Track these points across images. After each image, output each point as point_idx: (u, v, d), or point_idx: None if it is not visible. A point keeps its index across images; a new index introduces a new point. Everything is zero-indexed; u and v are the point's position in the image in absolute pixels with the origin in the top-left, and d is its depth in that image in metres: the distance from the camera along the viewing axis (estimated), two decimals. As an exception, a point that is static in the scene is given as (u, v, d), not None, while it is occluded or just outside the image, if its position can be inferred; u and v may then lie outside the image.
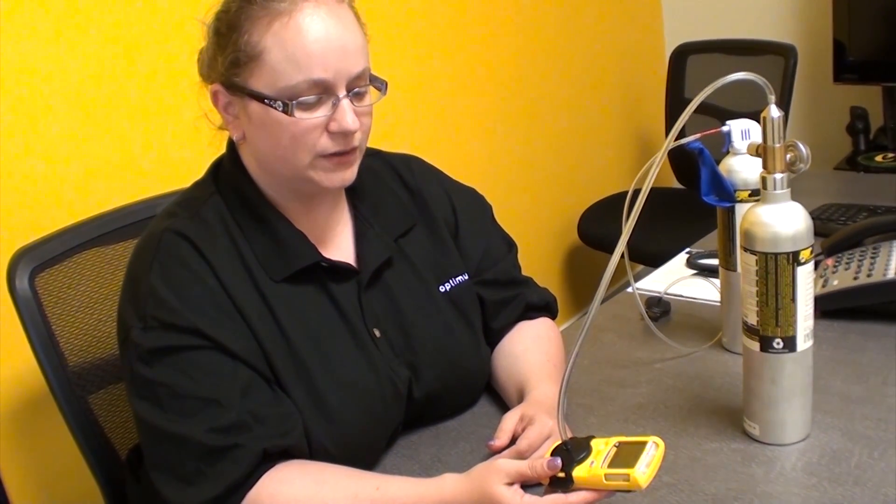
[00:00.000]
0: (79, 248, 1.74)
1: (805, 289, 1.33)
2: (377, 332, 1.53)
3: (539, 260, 4.00)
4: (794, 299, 1.32)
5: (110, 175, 2.25)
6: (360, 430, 1.46)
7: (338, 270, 1.51)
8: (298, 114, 1.37)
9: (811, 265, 1.33)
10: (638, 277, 2.17)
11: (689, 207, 3.37)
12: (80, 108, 2.19)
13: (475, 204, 1.77)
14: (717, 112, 3.45)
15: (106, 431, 1.71)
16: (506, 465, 1.26)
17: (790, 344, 1.35)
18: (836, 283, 1.79)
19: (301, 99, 1.36)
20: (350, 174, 1.45)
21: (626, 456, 1.19)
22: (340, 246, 1.56)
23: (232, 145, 1.52)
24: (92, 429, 1.69)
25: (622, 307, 1.98)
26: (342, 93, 1.38)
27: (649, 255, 3.04)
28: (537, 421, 1.41)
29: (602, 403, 1.60)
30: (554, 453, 1.24)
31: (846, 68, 3.90)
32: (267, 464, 1.35)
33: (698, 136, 1.42)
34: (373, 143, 1.53)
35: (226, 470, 1.31)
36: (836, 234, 2.01)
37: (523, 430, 1.41)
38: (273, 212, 1.48)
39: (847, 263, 1.85)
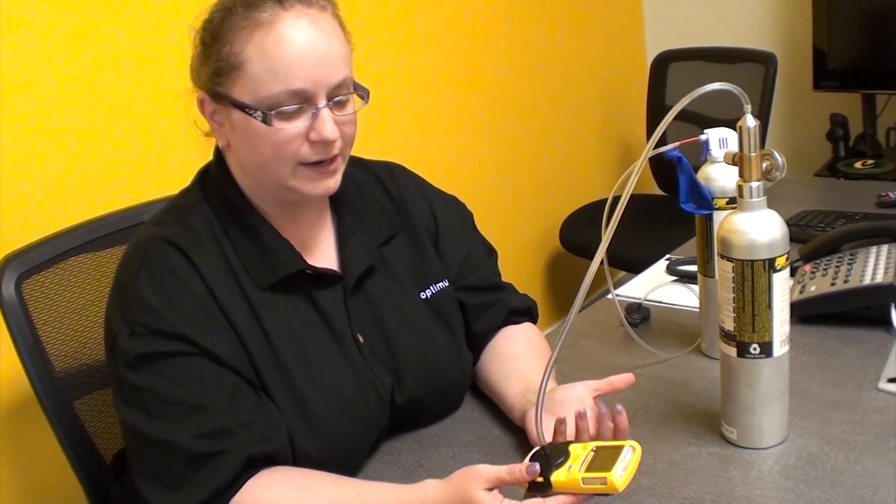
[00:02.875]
0: (65, 255, 1.74)
1: (781, 295, 1.35)
2: (361, 338, 1.54)
3: (521, 266, 4.01)
4: (770, 305, 1.34)
5: (96, 182, 2.26)
6: (344, 435, 1.47)
7: (322, 277, 1.52)
8: (277, 123, 1.38)
9: (787, 272, 1.35)
10: (619, 283, 2.19)
11: (670, 214, 3.38)
12: (67, 114, 2.20)
13: (456, 212, 1.78)
14: (697, 119, 3.47)
15: (92, 437, 1.71)
16: (485, 470, 1.26)
17: (766, 349, 1.36)
18: (813, 288, 1.81)
19: (280, 109, 1.37)
20: (333, 183, 1.46)
21: (604, 460, 1.21)
22: (324, 253, 1.57)
23: (219, 152, 1.53)
24: (78, 434, 1.69)
25: (602, 313, 2.00)
26: (322, 102, 1.39)
27: (630, 261, 3.06)
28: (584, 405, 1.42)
29: (583, 408, 1.61)
30: (532, 458, 1.25)
31: (826, 76, 3.92)
32: (251, 470, 1.36)
33: (676, 144, 1.44)
34: (357, 150, 1.54)
35: (211, 476, 1.32)
36: (813, 240, 2.03)
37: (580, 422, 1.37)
38: (259, 219, 1.49)
39: (825, 269, 1.87)
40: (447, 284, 1.67)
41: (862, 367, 1.63)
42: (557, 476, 1.21)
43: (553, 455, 1.24)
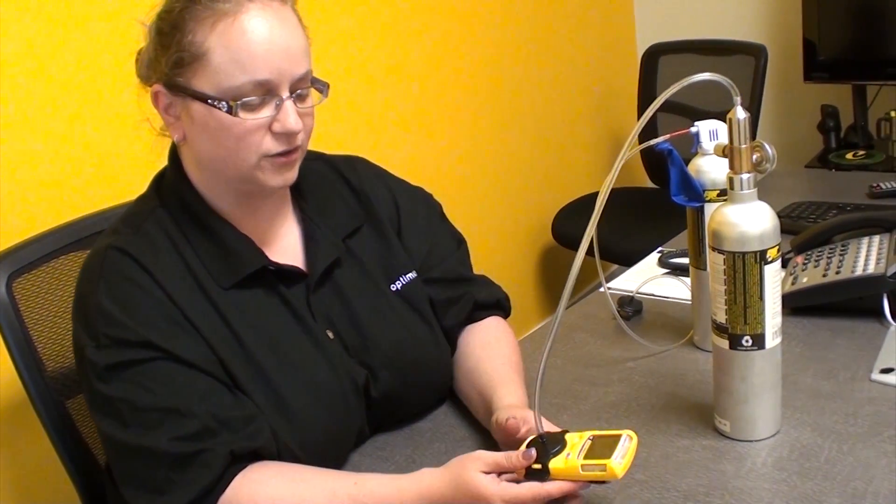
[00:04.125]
0: (56, 253, 1.74)
1: (773, 287, 1.35)
2: (330, 334, 1.54)
3: (513, 260, 4.01)
4: (761, 297, 1.34)
5: (87, 180, 2.25)
6: (324, 428, 1.47)
7: (286, 273, 1.52)
8: (242, 114, 1.38)
9: (778, 263, 1.35)
10: (612, 276, 2.19)
11: (663, 206, 3.38)
12: (56, 113, 2.20)
13: (420, 202, 1.77)
14: (688, 111, 3.47)
15: (84, 436, 1.71)
16: (483, 454, 1.28)
17: (759, 341, 1.36)
18: (805, 280, 1.81)
19: (245, 99, 1.37)
20: (292, 175, 1.47)
21: (602, 448, 1.22)
22: (288, 249, 1.57)
23: (174, 155, 1.52)
24: (70, 434, 1.69)
25: (594, 307, 1.99)
26: (285, 94, 1.40)
27: (623, 254, 3.06)
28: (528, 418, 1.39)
29: (575, 402, 1.61)
30: (529, 446, 1.26)
31: (816, 67, 3.93)
32: (237, 465, 1.36)
33: (667, 137, 1.44)
34: (348, 145, 1.55)
35: (197, 475, 1.32)
36: (805, 231, 2.03)
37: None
38: (217, 219, 1.49)
39: (816, 261, 1.87)
40: (415, 275, 1.67)
41: (854, 358, 1.63)
42: (556, 463, 1.23)
43: (550, 443, 1.25)
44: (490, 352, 1.65)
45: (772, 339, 1.37)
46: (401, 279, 1.64)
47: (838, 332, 1.72)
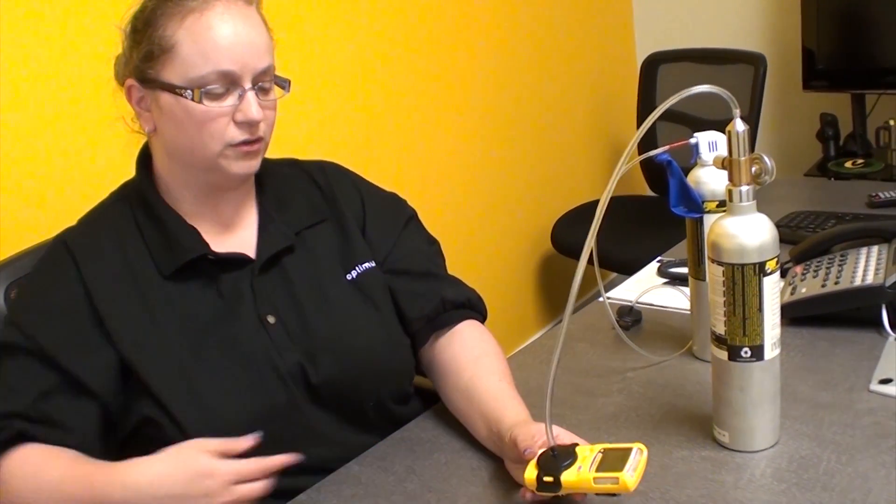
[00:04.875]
0: (54, 264, 1.74)
1: (771, 298, 1.35)
2: (271, 319, 1.57)
3: (513, 268, 4.01)
4: (760, 309, 1.34)
5: (86, 190, 2.26)
6: (244, 417, 1.49)
7: (228, 261, 1.58)
8: (206, 102, 1.47)
9: (777, 275, 1.35)
10: (611, 285, 2.19)
11: (662, 215, 3.39)
12: (56, 124, 2.20)
13: (390, 204, 1.81)
14: (688, 120, 3.48)
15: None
16: (207, 442, 1.39)
17: (758, 353, 1.37)
18: (804, 290, 1.81)
19: (209, 87, 1.47)
20: (255, 163, 1.55)
21: (613, 461, 1.24)
22: (243, 238, 1.63)
23: (144, 150, 1.62)
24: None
25: (594, 316, 2.00)
26: (248, 85, 1.49)
27: (623, 263, 3.07)
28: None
29: (574, 412, 1.61)
30: (540, 459, 1.27)
31: (815, 76, 3.94)
32: (16, 444, 1.47)
33: (666, 148, 1.44)
34: (349, 154, 1.55)
35: None
36: (804, 241, 2.03)
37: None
38: (166, 209, 1.58)
39: (815, 271, 1.87)
40: (373, 265, 1.69)
41: (853, 368, 1.63)
42: (567, 476, 1.24)
43: (561, 456, 1.26)
44: (482, 369, 1.62)
45: (770, 351, 1.37)
46: (357, 268, 1.67)
47: (837, 343, 1.72)
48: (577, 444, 1.29)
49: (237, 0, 1.50)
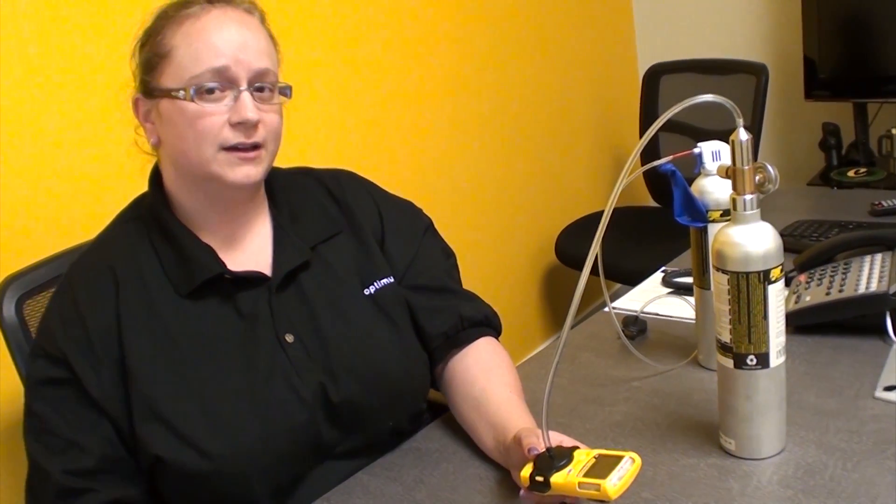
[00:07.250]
0: (65, 276, 1.75)
1: (776, 306, 1.36)
2: (290, 338, 1.55)
3: (517, 279, 4.02)
4: (765, 317, 1.35)
5: (97, 202, 2.27)
6: (261, 438, 1.48)
7: (245, 280, 1.55)
8: (200, 101, 1.46)
9: (782, 283, 1.36)
10: (616, 296, 2.19)
11: (666, 225, 3.39)
12: (66, 136, 2.21)
13: (407, 214, 1.79)
14: (690, 131, 3.49)
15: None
16: None
17: (763, 360, 1.37)
18: (808, 298, 1.81)
19: (202, 84, 1.46)
20: (255, 171, 1.51)
21: (602, 468, 1.24)
22: (257, 254, 1.60)
23: (156, 167, 1.60)
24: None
25: (599, 326, 2.00)
26: (244, 85, 1.47)
27: (627, 273, 3.07)
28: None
29: (580, 422, 1.61)
30: (538, 459, 1.29)
31: (817, 85, 3.95)
32: None
33: (670, 158, 1.45)
34: (355, 166, 1.55)
35: None
36: (808, 250, 2.04)
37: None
38: (180, 227, 1.55)
39: (819, 279, 1.88)
40: (392, 280, 1.68)
41: (858, 375, 1.63)
42: (556, 478, 1.25)
43: (557, 458, 1.27)
44: (493, 381, 1.63)
45: (776, 358, 1.38)
46: (375, 284, 1.66)
47: (842, 351, 1.73)
48: (577, 448, 1.31)
49: (237, 8, 1.51)
